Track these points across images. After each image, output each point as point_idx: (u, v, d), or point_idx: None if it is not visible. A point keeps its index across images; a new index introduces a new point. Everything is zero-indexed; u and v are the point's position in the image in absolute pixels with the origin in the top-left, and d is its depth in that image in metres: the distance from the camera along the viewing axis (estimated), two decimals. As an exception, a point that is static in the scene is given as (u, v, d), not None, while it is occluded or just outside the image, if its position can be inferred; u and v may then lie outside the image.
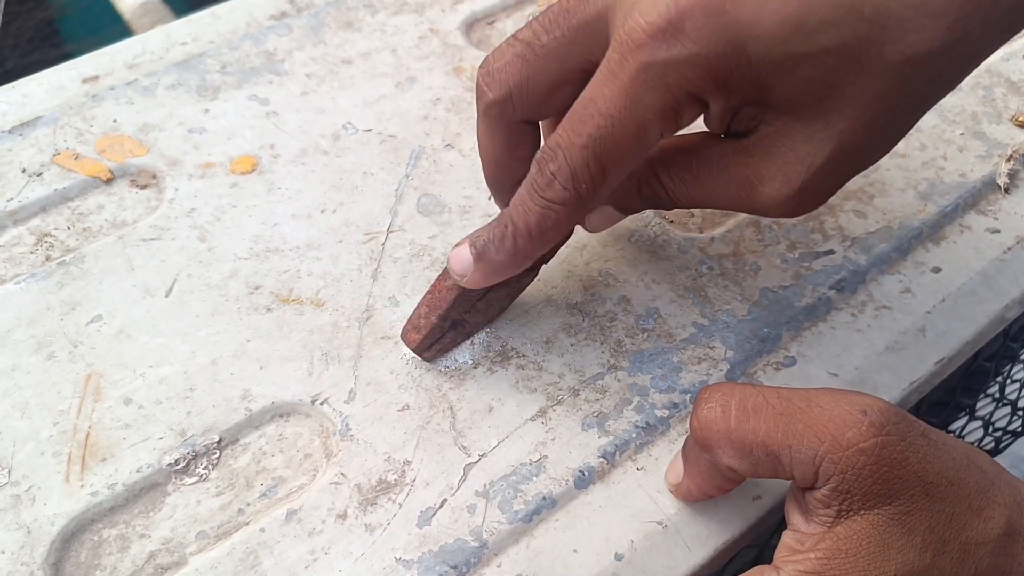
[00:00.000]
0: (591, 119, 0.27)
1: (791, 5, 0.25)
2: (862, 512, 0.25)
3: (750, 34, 0.25)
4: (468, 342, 0.34)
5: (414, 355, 0.34)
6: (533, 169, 0.28)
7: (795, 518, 0.27)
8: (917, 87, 0.26)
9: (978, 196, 0.40)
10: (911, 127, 0.29)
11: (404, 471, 0.31)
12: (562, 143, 0.27)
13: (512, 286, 0.34)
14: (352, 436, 0.32)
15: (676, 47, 0.25)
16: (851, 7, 0.25)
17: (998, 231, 0.39)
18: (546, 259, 0.34)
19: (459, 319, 0.33)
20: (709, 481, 0.29)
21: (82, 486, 0.30)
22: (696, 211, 0.39)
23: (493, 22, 0.47)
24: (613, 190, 0.30)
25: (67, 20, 1.37)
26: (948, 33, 0.25)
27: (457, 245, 0.31)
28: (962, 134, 0.42)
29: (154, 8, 1.13)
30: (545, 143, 0.28)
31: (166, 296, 0.35)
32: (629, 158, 0.27)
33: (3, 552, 0.29)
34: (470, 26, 0.47)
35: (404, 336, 0.33)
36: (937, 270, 0.38)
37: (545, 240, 0.29)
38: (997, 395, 0.60)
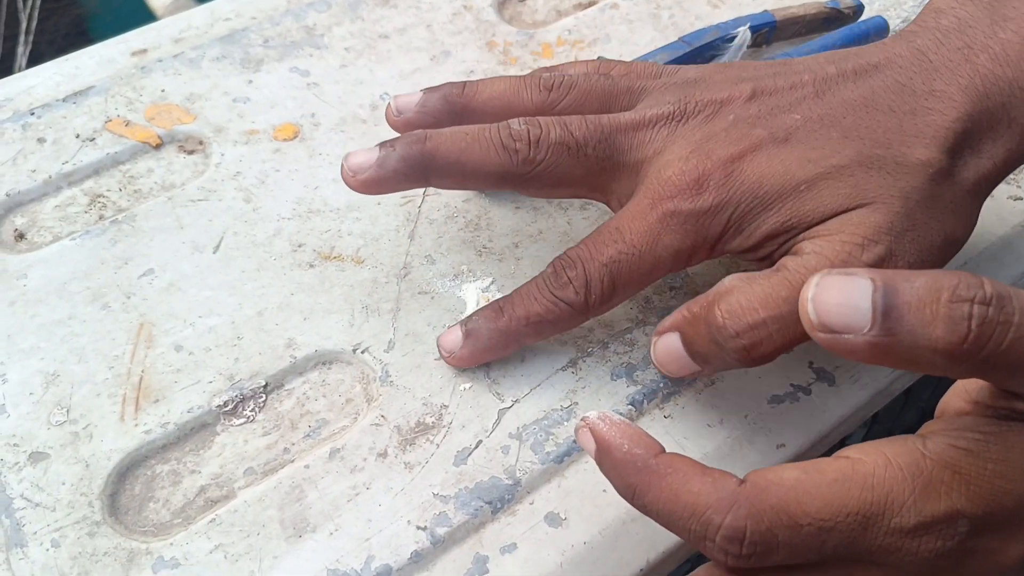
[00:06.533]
0: (615, 244, 0.31)
1: (797, 151, 0.30)
2: None
3: (763, 178, 0.30)
4: None
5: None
6: (548, 270, 0.32)
7: (957, 406, 0.26)
8: (933, 185, 0.30)
9: (1000, 165, 0.41)
10: (954, 217, 0.30)
11: (441, 414, 0.32)
12: (583, 256, 0.31)
13: None
14: (392, 382, 0.33)
15: (699, 200, 0.30)
16: (848, 139, 0.30)
17: (1020, 199, 0.40)
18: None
19: None
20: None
21: (136, 425, 0.32)
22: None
23: (524, 0, 0.49)
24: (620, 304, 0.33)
25: (97, 19, 1.40)
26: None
27: (449, 328, 0.34)
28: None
29: (185, 6, 1.16)
30: (566, 253, 0.32)
31: (214, 252, 0.37)
32: (637, 284, 0.31)
33: (64, 483, 0.31)
34: (502, 3, 0.48)
35: None
36: (959, 235, 0.39)
37: (536, 331, 0.32)
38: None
